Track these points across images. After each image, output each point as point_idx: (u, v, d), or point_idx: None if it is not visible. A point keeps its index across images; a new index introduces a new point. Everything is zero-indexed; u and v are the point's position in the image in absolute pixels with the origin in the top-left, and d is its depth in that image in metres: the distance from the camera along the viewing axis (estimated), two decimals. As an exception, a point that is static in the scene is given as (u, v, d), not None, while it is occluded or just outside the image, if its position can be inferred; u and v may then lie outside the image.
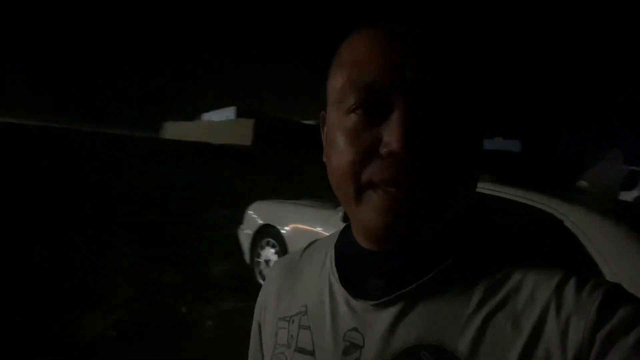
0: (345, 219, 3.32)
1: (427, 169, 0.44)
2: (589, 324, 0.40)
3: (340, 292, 0.53)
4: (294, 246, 3.88)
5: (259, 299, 0.65)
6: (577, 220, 2.29)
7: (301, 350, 0.53)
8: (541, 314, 0.42)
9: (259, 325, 0.64)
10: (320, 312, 0.54)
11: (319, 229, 3.61)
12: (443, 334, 0.45)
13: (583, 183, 3.07)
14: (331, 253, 0.58)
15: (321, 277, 0.57)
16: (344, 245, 0.56)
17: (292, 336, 0.55)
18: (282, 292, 0.61)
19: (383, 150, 0.44)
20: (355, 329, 0.49)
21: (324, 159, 0.53)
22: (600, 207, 2.49)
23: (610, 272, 2.07)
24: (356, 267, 0.53)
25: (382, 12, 0.50)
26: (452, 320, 0.45)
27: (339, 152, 0.48)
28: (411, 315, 0.47)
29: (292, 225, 4.02)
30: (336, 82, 0.49)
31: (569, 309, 0.41)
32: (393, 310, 0.48)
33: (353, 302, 0.51)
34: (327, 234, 0.64)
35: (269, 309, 0.62)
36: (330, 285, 0.54)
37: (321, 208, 3.83)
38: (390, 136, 0.43)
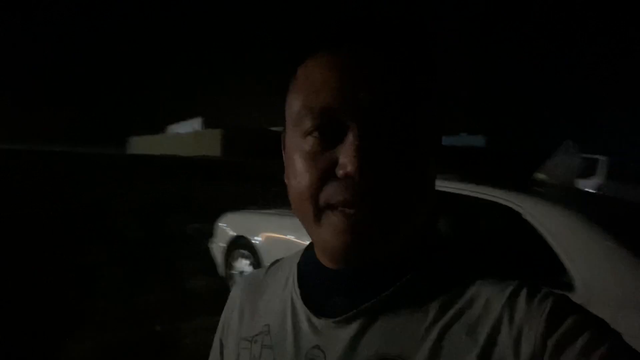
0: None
1: (383, 189, 0.45)
2: (540, 332, 0.41)
3: (302, 310, 0.53)
4: (267, 256, 3.87)
5: (222, 315, 0.66)
6: (535, 212, 2.38)
7: None
8: (495, 324, 0.44)
9: (220, 343, 0.64)
10: (282, 331, 0.54)
11: (291, 237, 3.62)
12: (402, 347, 0.46)
13: (540, 175, 3.20)
14: (294, 271, 0.59)
15: (284, 296, 0.57)
16: (306, 263, 0.58)
17: (254, 356, 0.55)
18: (244, 312, 0.61)
19: (339, 172, 0.46)
20: (317, 347, 0.50)
21: (285, 180, 0.54)
22: (557, 198, 2.60)
23: (570, 261, 2.17)
24: (318, 285, 0.54)
25: (338, 24, 0.51)
26: (410, 334, 0.46)
27: (297, 174, 0.49)
28: (371, 330, 0.48)
29: (264, 235, 4.02)
30: (294, 105, 0.50)
31: (520, 318, 0.43)
32: (354, 327, 0.49)
33: (315, 319, 0.52)
34: (302, 241, 0.67)
35: (231, 329, 0.62)
36: (293, 304, 0.55)
37: (293, 216, 3.85)
38: (345, 158, 0.45)
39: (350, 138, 0.45)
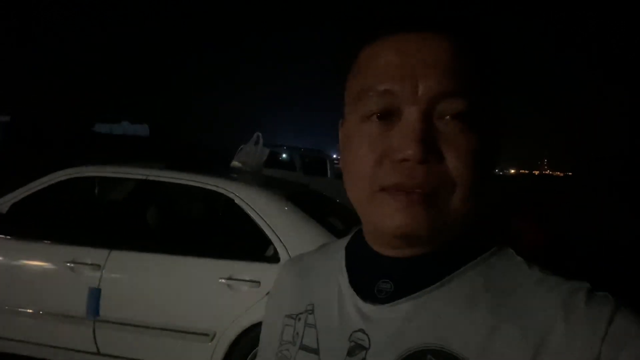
0: None
1: (438, 175, 0.45)
2: (599, 336, 0.41)
3: (348, 293, 0.53)
4: None
5: (270, 293, 0.66)
6: (244, 196, 2.61)
7: (305, 348, 0.53)
8: (550, 325, 0.43)
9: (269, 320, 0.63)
10: (327, 312, 0.54)
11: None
12: (450, 339, 0.45)
13: (236, 163, 3.49)
14: (342, 254, 0.58)
15: (330, 278, 0.57)
16: (355, 247, 0.57)
17: (297, 334, 0.55)
18: (290, 291, 0.61)
19: (397, 155, 0.45)
20: (361, 330, 0.49)
21: (340, 165, 0.54)
22: (256, 182, 2.92)
23: (276, 236, 2.49)
24: (366, 270, 0.53)
25: (402, 8, 0.50)
26: (459, 326, 0.45)
27: (355, 157, 0.49)
28: (419, 319, 0.47)
29: None
30: (354, 88, 0.50)
31: (579, 319, 0.42)
32: (401, 313, 0.48)
33: (361, 303, 0.51)
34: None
35: (277, 306, 0.62)
36: (339, 286, 0.55)
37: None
38: (404, 142, 0.45)
39: (409, 122, 0.45)
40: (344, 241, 0.61)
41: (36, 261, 2.67)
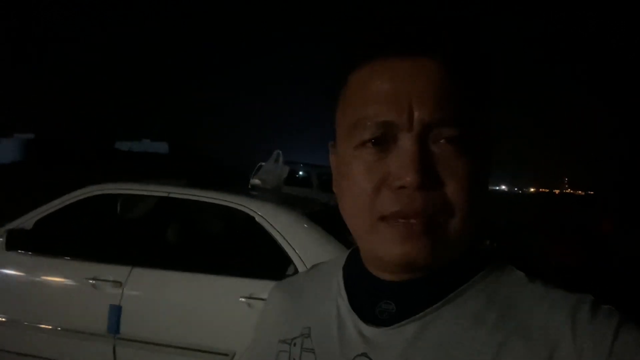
0: (10, 246, 2.67)
1: (439, 200, 0.45)
2: (606, 350, 0.41)
3: (349, 315, 0.52)
4: None
5: (259, 317, 0.63)
6: (265, 214, 2.59)
7: None
8: (557, 338, 0.43)
9: (256, 345, 0.61)
10: (325, 336, 0.52)
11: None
12: (459, 359, 0.45)
13: (256, 181, 3.49)
14: (339, 275, 0.57)
15: (328, 300, 0.56)
16: (353, 269, 0.56)
17: (294, 359, 0.53)
18: (282, 315, 0.59)
19: (395, 183, 0.45)
20: (364, 355, 0.48)
21: (334, 189, 0.54)
22: (276, 200, 2.91)
23: (295, 255, 2.46)
24: (365, 292, 0.52)
25: (392, 30, 0.48)
26: (467, 346, 0.45)
27: (352, 185, 0.48)
28: (424, 340, 0.46)
29: None
30: (347, 115, 0.50)
31: (585, 334, 0.42)
32: (406, 336, 0.47)
33: (363, 326, 0.50)
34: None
35: (268, 330, 0.60)
36: (338, 309, 0.54)
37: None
38: (402, 169, 0.44)
39: (406, 148, 0.45)
40: (339, 262, 0.60)
41: (59, 277, 2.69)
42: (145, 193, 2.91)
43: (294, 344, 0.54)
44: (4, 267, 2.72)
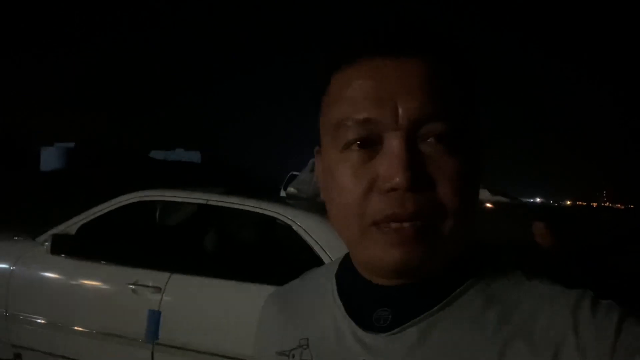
0: (54, 250, 2.74)
1: (431, 202, 0.44)
2: (608, 345, 0.40)
3: (346, 323, 0.51)
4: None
5: (256, 333, 0.62)
6: (302, 223, 2.59)
7: None
8: (560, 337, 0.42)
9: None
10: (324, 345, 0.52)
11: (12, 268, 2.86)
12: None
13: (292, 190, 3.50)
14: (332, 283, 0.56)
15: (323, 309, 0.54)
16: (346, 276, 0.54)
17: None
18: (277, 326, 0.58)
19: (385, 185, 0.43)
20: None
21: (322, 196, 0.52)
22: (313, 209, 2.90)
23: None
24: (360, 299, 0.51)
25: (376, 30, 0.47)
26: (469, 349, 0.44)
27: (339, 190, 0.47)
28: (426, 345, 0.46)
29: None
30: (331, 117, 0.48)
31: (587, 331, 0.42)
32: (407, 342, 0.46)
33: (361, 333, 0.49)
34: (26, 270, 0.54)
35: (265, 343, 0.59)
36: (334, 317, 0.53)
37: (13, 243, 3.04)
38: (390, 170, 0.43)
39: (393, 149, 0.44)
40: (331, 268, 0.58)
41: (100, 282, 2.75)
42: (184, 200, 2.96)
43: (292, 356, 0.54)
44: (49, 271, 2.80)
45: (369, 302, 0.50)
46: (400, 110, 0.44)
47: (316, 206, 3.15)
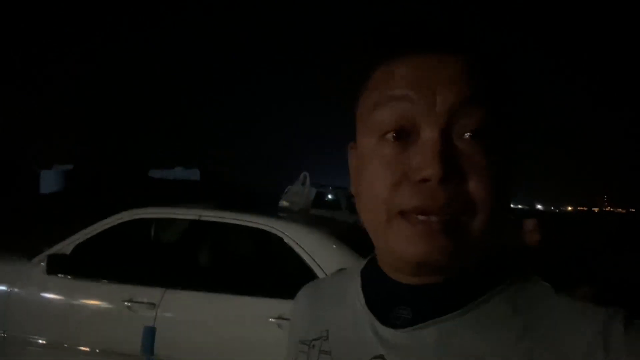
0: (50, 270, 2.78)
1: (461, 196, 0.43)
2: None
3: (366, 318, 0.51)
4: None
5: (290, 320, 0.65)
6: (293, 235, 2.62)
7: None
8: (589, 354, 0.41)
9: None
10: (342, 338, 0.52)
11: (8, 289, 2.89)
12: None
13: (284, 203, 3.54)
14: (356, 279, 0.56)
15: (345, 303, 0.55)
16: (370, 273, 0.55)
17: None
18: (306, 316, 0.60)
19: (415, 176, 0.43)
20: (381, 357, 0.47)
21: (352, 191, 0.53)
22: (304, 221, 2.93)
23: (324, 275, 2.47)
24: (381, 296, 0.51)
25: (419, 24, 0.50)
26: (490, 354, 0.43)
27: (371, 179, 0.47)
28: (446, 347, 0.45)
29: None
30: (368, 107, 0.49)
31: (618, 349, 0.40)
32: (425, 340, 0.45)
33: (381, 328, 0.49)
34: (23, 291, 0.56)
35: (292, 331, 0.62)
36: (355, 310, 0.53)
37: (9, 264, 3.07)
38: (423, 161, 0.43)
39: (428, 140, 0.44)
40: (360, 265, 0.59)
41: (96, 300, 2.77)
42: (177, 216, 3.00)
43: (313, 346, 0.55)
44: (45, 291, 2.83)
45: (389, 299, 0.50)
46: (437, 98, 0.44)
47: (307, 218, 3.20)
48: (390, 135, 0.46)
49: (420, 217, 0.44)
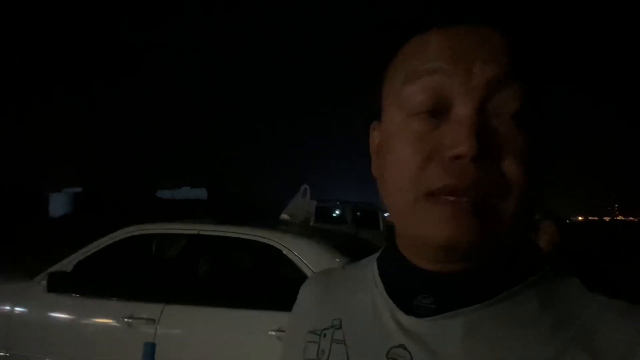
0: (51, 288, 2.78)
1: (494, 176, 0.40)
2: None
3: (386, 305, 0.47)
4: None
5: (290, 314, 0.61)
6: (292, 247, 2.62)
7: None
8: (628, 353, 0.38)
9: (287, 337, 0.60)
10: (358, 326, 0.49)
11: (10, 309, 2.90)
12: None
13: (285, 216, 3.54)
14: (373, 267, 0.53)
15: (361, 291, 0.52)
16: (388, 260, 0.51)
17: (322, 351, 0.50)
18: (314, 305, 0.57)
19: (448, 152, 0.40)
20: (402, 346, 0.44)
21: (373, 172, 0.50)
22: (303, 234, 2.93)
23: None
24: (402, 284, 0.48)
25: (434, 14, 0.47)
26: (520, 348, 0.41)
27: (398, 157, 0.44)
28: (470, 339, 0.42)
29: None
30: (399, 75, 0.45)
31: None
32: (450, 330, 0.43)
33: (402, 316, 0.45)
34: (25, 310, 0.55)
35: (298, 322, 0.58)
36: (373, 297, 0.50)
37: (11, 283, 3.09)
38: (457, 137, 0.40)
39: (462, 115, 0.41)
40: (374, 255, 0.56)
41: (97, 317, 2.77)
42: (176, 232, 3.01)
43: (324, 335, 0.51)
44: (46, 309, 2.83)
45: (411, 286, 0.47)
46: (473, 70, 0.41)
47: (307, 230, 3.20)
48: (422, 114, 0.43)
49: (450, 198, 0.40)
